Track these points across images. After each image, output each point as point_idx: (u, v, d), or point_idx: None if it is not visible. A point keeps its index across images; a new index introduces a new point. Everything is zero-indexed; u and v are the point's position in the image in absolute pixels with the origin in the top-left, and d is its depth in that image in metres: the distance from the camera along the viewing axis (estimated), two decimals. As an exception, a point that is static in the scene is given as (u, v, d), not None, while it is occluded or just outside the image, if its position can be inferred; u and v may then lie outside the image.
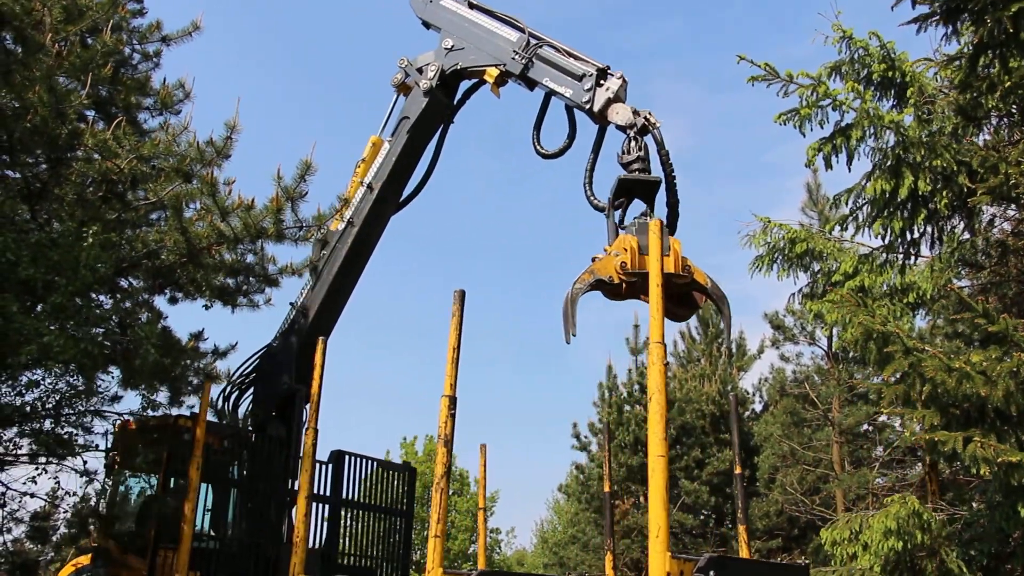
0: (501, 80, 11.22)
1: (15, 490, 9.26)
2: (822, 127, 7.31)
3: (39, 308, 8.18)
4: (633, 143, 9.25)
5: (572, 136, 10.86)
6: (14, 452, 9.17)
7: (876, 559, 6.23)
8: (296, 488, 11.82)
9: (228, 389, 12.27)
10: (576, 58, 10.38)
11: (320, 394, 9.16)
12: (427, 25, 12.37)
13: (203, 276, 9.95)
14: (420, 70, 11.99)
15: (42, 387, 9.38)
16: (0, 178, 8.51)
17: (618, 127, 9.73)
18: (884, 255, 7.31)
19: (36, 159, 8.72)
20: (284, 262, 10.98)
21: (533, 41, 10.86)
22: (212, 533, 11.09)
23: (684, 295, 8.23)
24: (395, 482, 13.31)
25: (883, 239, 7.23)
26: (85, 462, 9.65)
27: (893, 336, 5.65)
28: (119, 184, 9.07)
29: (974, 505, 7.00)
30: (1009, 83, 6.24)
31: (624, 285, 7.97)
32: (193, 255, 9.58)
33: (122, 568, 10.62)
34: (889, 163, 6.83)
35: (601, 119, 10.01)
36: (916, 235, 7.20)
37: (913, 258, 7.31)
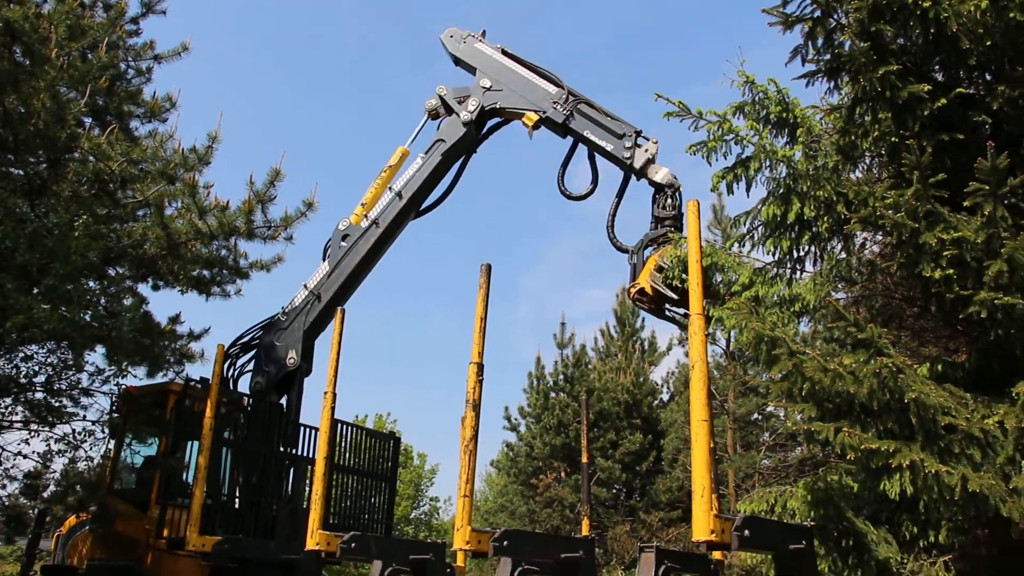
0: (536, 124, 11.31)
1: (10, 451, 9.15)
2: (725, 158, 7.49)
3: (35, 291, 8.09)
4: (670, 200, 10.06)
5: (595, 182, 11.33)
6: (9, 419, 9.05)
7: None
8: (293, 453, 11.80)
9: (228, 357, 12.15)
10: (612, 118, 10.81)
11: (338, 362, 8.91)
12: (457, 62, 12.39)
13: (181, 267, 9.90)
14: (460, 101, 11.97)
15: (35, 360, 9.29)
16: (3, 175, 8.40)
17: (655, 184, 10.34)
18: (775, 270, 7.49)
19: (37, 159, 8.62)
20: (254, 258, 10.94)
21: (572, 97, 11.12)
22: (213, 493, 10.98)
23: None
24: (381, 449, 13.27)
25: (774, 256, 7.42)
26: (74, 430, 9.58)
27: (780, 340, 5.80)
28: (110, 183, 9.00)
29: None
30: (877, 132, 6.48)
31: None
32: (173, 248, 9.52)
33: (124, 521, 10.51)
34: (781, 191, 7.03)
35: (640, 175, 10.51)
36: (802, 253, 7.40)
37: (799, 273, 7.50)
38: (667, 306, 9.59)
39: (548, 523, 22.27)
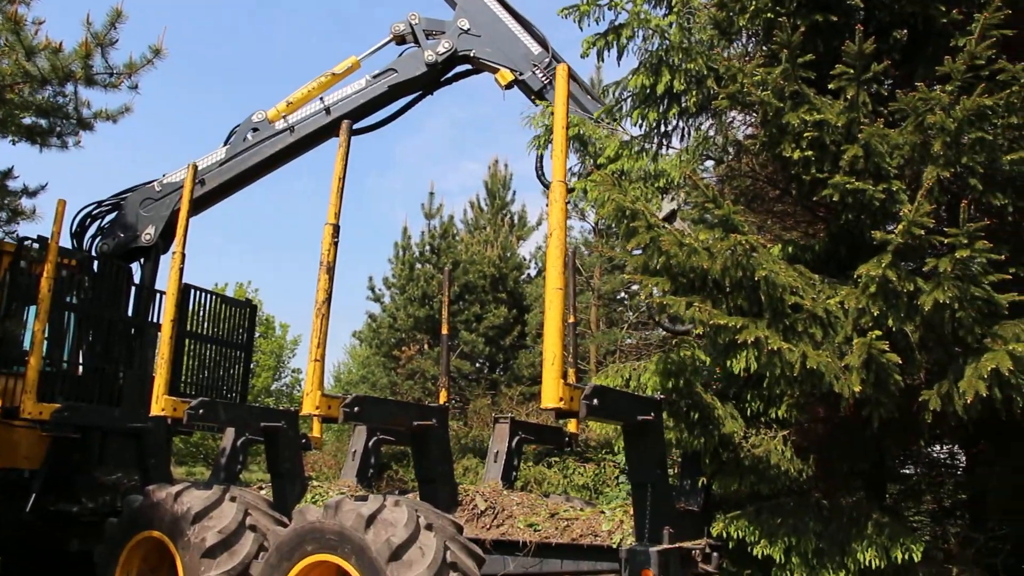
0: (510, 84, 10.43)
1: None
2: (598, 23, 7.44)
3: None
4: None
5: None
6: None
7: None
8: (143, 320, 11.47)
9: (82, 218, 11.60)
10: (590, 96, 9.93)
11: (188, 219, 8.56)
12: None
13: (8, 113, 9.25)
14: (430, 35, 11.03)
15: None
16: None
17: None
18: (642, 144, 7.58)
19: None
20: (98, 107, 10.32)
21: (556, 64, 10.08)
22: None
23: None
24: (236, 317, 13.06)
25: (641, 128, 7.50)
26: None
27: (640, 213, 5.92)
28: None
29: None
30: (754, 7, 6.54)
31: None
32: (-4, 91, 8.89)
33: None
34: (652, 62, 7.06)
35: None
36: (669, 128, 7.51)
37: (665, 148, 7.62)
38: None
39: (410, 395, 22.62)
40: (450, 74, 11.36)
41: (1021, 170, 5.74)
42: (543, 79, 10.15)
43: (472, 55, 10.86)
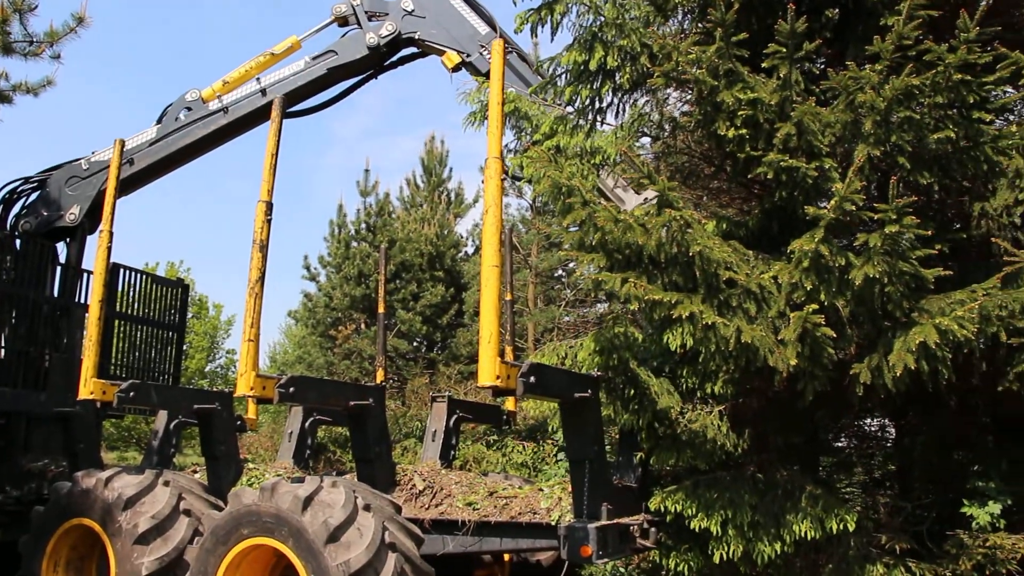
0: (457, 67, 10.11)
1: None
2: (532, -1, 7.44)
3: None
4: None
5: None
6: None
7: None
8: (70, 301, 11.19)
9: (4, 195, 11.25)
10: (539, 74, 9.29)
11: (116, 196, 8.35)
12: None
13: (-85, 82, 8.95)
14: (373, 16, 10.58)
15: None
16: None
17: None
18: (576, 120, 7.62)
19: None
20: (17, 80, 10.02)
21: (505, 46, 9.84)
22: None
23: None
24: (167, 297, 12.84)
25: (573, 105, 7.53)
26: None
27: (575, 189, 5.96)
28: None
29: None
30: (690, -17, 6.60)
31: None
32: (-98, 59, 8.58)
33: None
34: (585, 38, 7.09)
35: None
36: (603, 104, 7.54)
37: (600, 124, 7.65)
38: None
39: (347, 375, 22.49)
40: (395, 57, 11.04)
41: (946, 149, 5.90)
42: (490, 61, 9.90)
43: (417, 37, 10.53)
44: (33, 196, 11.35)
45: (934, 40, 5.78)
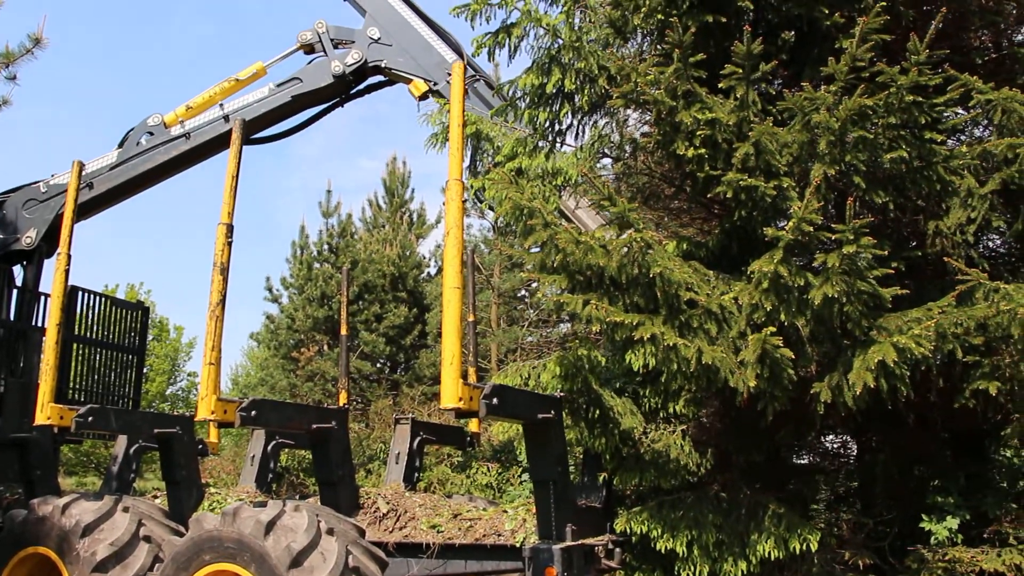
0: (424, 95, 10.02)
1: None
2: (488, 22, 7.49)
3: None
4: None
5: None
6: None
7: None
8: (26, 324, 11.01)
9: None
10: (496, 94, 9.40)
11: (74, 220, 8.24)
12: None
13: None
14: (339, 45, 10.50)
15: None
16: None
17: None
18: (536, 141, 7.66)
19: None
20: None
21: (471, 72, 9.73)
22: None
23: None
24: (127, 320, 12.69)
25: (532, 128, 7.58)
26: None
27: (536, 211, 5.98)
28: None
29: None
30: (647, 7, 6.67)
31: None
32: None
33: None
34: (543, 61, 7.15)
35: None
36: (563, 127, 7.59)
37: (560, 146, 7.70)
38: None
39: (310, 397, 22.37)
40: (362, 85, 10.97)
41: (900, 168, 6.00)
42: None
43: (383, 65, 10.48)
44: None
45: (887, 62, 5.88)
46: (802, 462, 8.57)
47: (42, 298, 11.16)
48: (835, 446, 8.67)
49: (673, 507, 6.56)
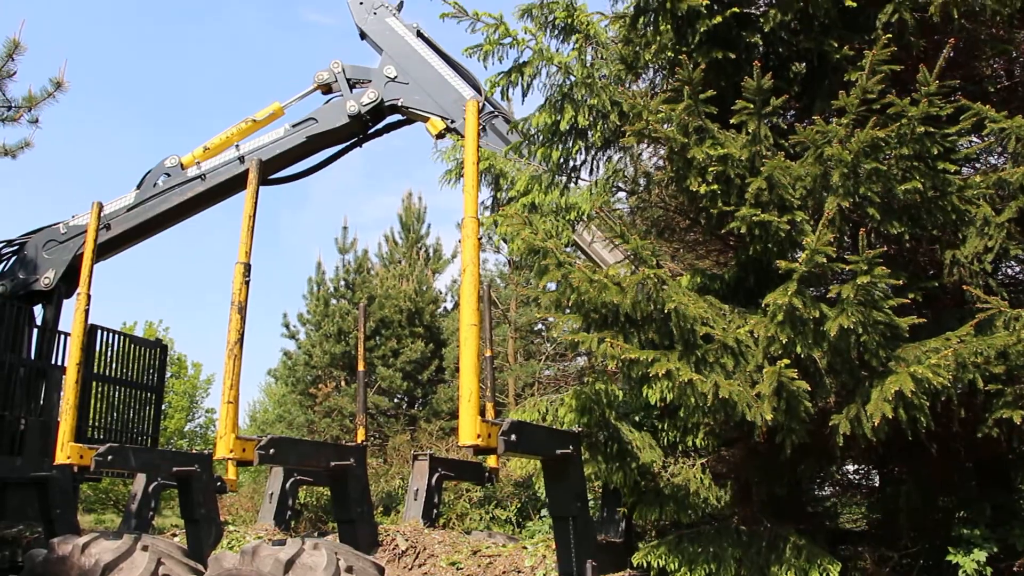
0: (441, 134, 9.96)
1: None
2: (501, 62, 7.60)
3: None
4: None
5: None
6: None
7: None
8: (47, 363, 11.12)
9: None
10: (512, 130, 9.11)
11: (94, 260, 8.34)
12: (363, 35, 10.73)
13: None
14: (355, 84, 10.55)
15: None
16: None
17: None
18: (551, 177, 7.72)
19: None
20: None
21: (489, 108, 9.68)
22: None
23: None
24: (146, 357, 12.79)
25: (546, 164, 7.64)
26: None
27: (549, 251, 6.02)
28: None
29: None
30: (658, 44, 6.74)
31: None
32: None
33: None
34: (556, 99, 7.22)
35: None
36: (577, 163, 7.65)
37: (575, 181, 7.76)
38: None
39: (327, 433, 22.37)
40: (380, 124, 10.96)
41: (915, 199, 6.00)
42: (479, 123, 9.85)
43: (400, 104, 10.45)
44: (12, 259, 11.36)
45: (897, 94, 5.90)
46: (824, 493, 8.52)
47: (61, 337, 11.26)
48: (856, 477, 8.61)
49: (692, 541, 6.52)
